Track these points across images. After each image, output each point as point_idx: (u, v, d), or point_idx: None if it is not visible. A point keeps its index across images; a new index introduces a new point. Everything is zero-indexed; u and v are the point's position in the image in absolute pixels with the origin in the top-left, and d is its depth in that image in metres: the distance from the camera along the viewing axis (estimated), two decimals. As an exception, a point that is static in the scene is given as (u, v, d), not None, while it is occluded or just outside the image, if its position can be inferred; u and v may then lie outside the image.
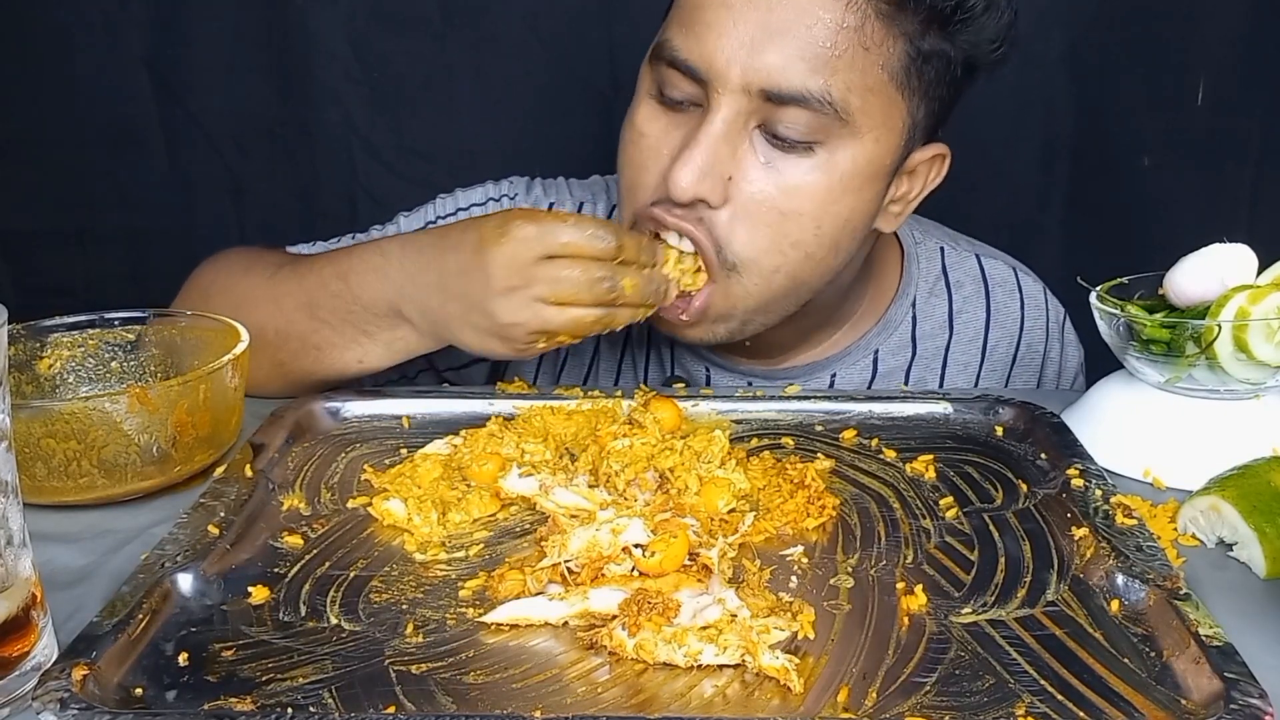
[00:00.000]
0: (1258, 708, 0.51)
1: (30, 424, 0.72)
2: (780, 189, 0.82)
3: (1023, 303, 1.07)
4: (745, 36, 0.79)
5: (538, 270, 0.78)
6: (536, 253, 0.78)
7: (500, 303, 0.79)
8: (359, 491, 0.76)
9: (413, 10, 1.49)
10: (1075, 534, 0.68)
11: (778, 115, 0.80)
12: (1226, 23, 1.44)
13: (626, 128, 0.88)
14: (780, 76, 0.79)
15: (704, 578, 0.63)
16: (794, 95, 0.79)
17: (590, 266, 0.79)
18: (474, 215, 1.01)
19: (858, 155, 0.82)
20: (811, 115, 0.80)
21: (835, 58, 0.79)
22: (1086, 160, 1.53)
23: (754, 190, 0.82)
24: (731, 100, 0.80)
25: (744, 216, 0.83)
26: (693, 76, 0.81)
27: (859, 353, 1.02)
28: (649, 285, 0.82)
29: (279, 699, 0.54)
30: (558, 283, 0.78)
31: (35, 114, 1.53)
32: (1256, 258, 0.81)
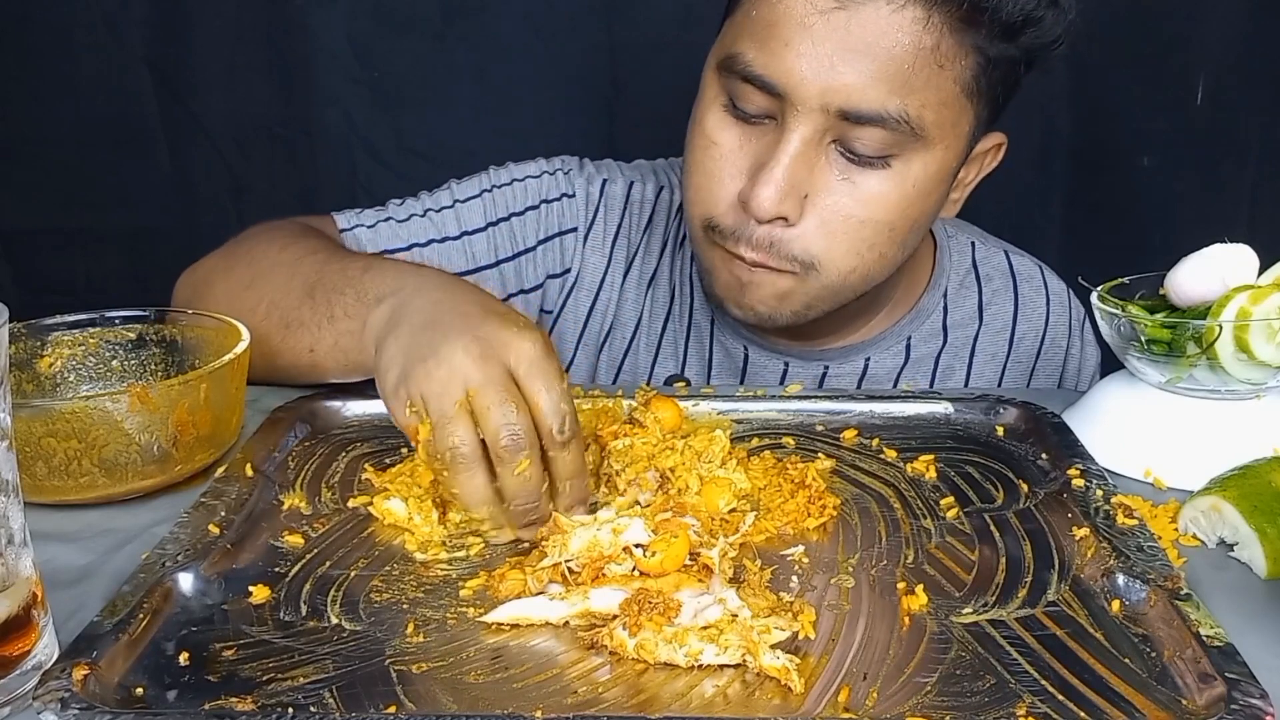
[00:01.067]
0: (1258, 708, 0.51)
1: (31, 423, 0.72)
2: (857, 202, 0.84)
3: (1049, 299, 1.10)
4: (824, 56, 0.79)
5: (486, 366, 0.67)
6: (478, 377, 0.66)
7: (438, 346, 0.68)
8: (360, 491, 0.76)
9: (413, 10, 1.49)
10: (1076, 534, 0.68)
11: (854, 133, 0.81)
12: (1227, 22, 1.45)
13: (696, 133, 0.88)
14: (859, 97, 0.79)
15: (705, 577, 0.63)
16: (872, 115, 0.80)
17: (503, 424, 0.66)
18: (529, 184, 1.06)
19: (929, 164, 0.84)
20: (888, 134, 0.81)
21: (912, 77, 0.79)
22: (1087, 160, 1.53)
23: (832, 205, 0.84)
24: (809, 118, 0.81)
25: (822, 228, 0.85)
26: (769, 92, 0.82)
27: (892, 339, 1.04)
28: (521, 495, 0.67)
29: (280, 699, 0.54)
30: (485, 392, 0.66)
31: (35, 114, 1.53)
32: (1257, 258, 0.81)
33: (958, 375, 1.07)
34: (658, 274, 1.07)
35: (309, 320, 0.85)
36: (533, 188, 1.06)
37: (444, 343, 0.68)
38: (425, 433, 0.67)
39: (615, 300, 1.07)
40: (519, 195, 1.06)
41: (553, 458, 0.68)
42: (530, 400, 0.66)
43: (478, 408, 0.66)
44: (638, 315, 1.08)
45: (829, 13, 0.79)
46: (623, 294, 1.07)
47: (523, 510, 0.67)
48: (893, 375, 1.05)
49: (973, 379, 1.07)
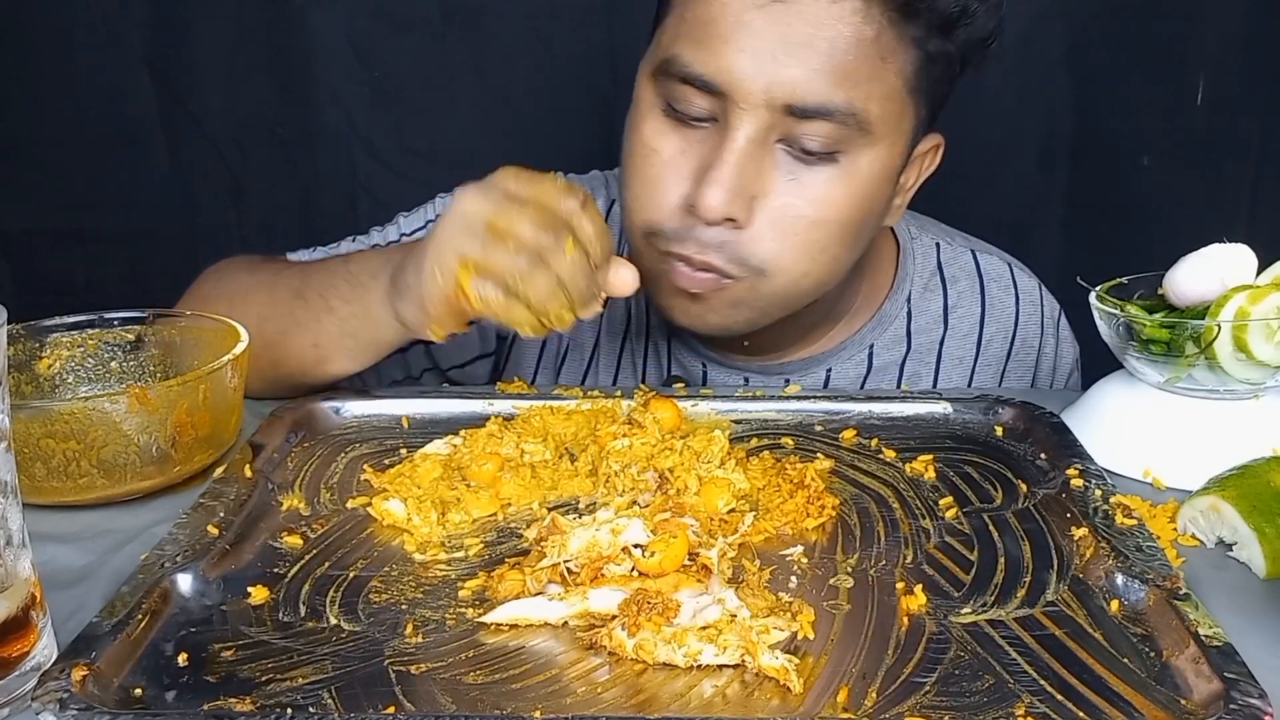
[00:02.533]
0: (1258, 708, 0.51)
1: (29, 424, 0.72)
2: (806, 201, 0.82)
3: (1018, 298, 1.07)
4: (766, 51, 0.78)
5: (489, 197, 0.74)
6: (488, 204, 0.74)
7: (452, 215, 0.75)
8: (358, 491, 0.76)
9: (413, 10, 1.49)
10: (1075, 534, 0.68)
11: (800, 128, 0.80)
12: (1226, 22, 1.45)
13: (634, 141, 0.86)
14: (805, 90, 0.78)
15: (704, 578, 0.63)
16: (819, 109, 0.79)
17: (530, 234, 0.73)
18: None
19: (875, 160, 0.83)
20: (835, 127, 0.80)
21: (856, 70, 0.79)
22: (1086, 160, 1.53)
23: (781, 205, 0.82)
24: (754, 116, 0.79)
25: (772, 230, 0.83)
26: (710, 92, 0.80)
27: (854, 348, 1.02)
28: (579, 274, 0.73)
29: (279, 699, 0.54)
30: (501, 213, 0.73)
31: (35, 114, 1.53)
32: (1256, 257, 0.81)
33: (924, 381, 1.04)
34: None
35: (305, 319, 0.86)
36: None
37: (447, 208, 0.76)
38: (468, 274, 0.73)
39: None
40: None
41: (577, 226, 0.73)
42: (533, 201, 0.73)
43: (503, 225, 0.72)
44: (595, 334, 1.05)
45: (766, 6, 0.78)
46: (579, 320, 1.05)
47: (585, 287, 0.74)
48: (856, 385, 1.03)
49: (940, 384, 1.04)
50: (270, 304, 0.89)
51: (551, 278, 0.72)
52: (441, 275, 0.74)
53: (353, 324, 0.85)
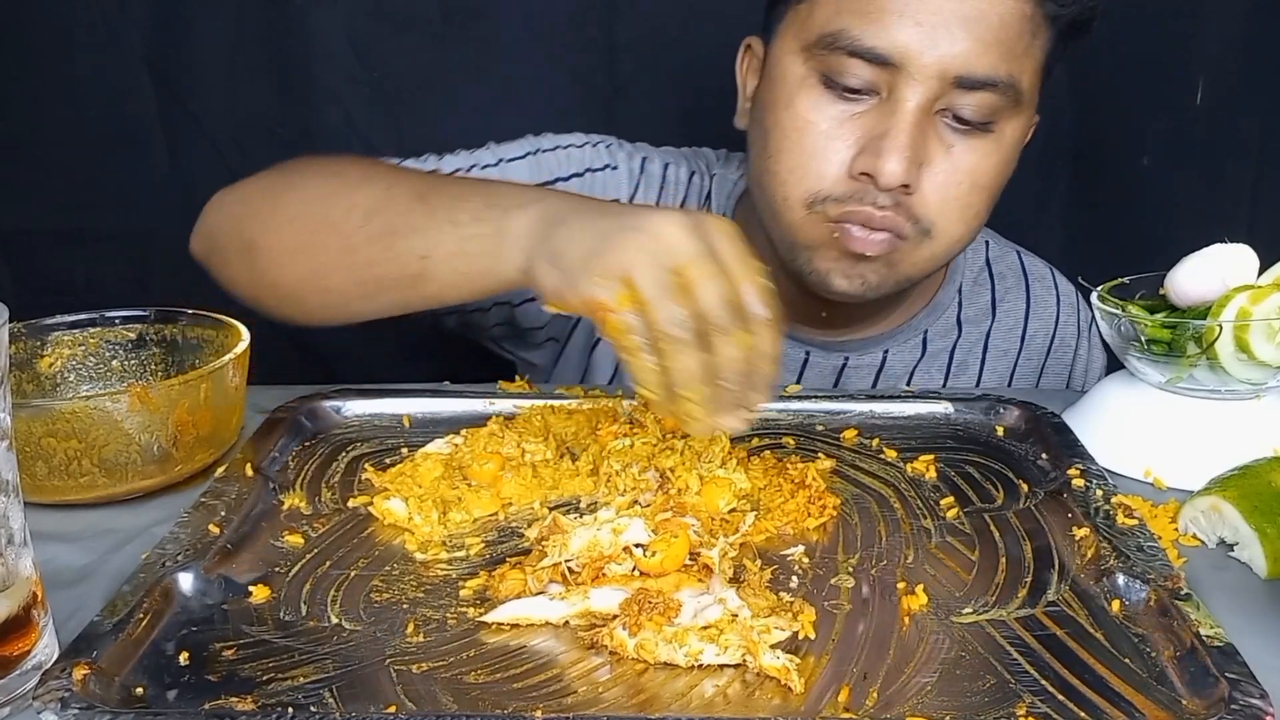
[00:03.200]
0: (1258, 708, 0.51)
1: (31, 423, 0.72)
2: (966, 168, 0.87)
3: (1059, 299, 1.13)
4: (940, 25, 0.82)
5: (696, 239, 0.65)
6: (713, 239, 0.65)
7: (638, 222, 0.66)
8: (359, 491, 0.76)
9: (413, 10, 1.48)
10: (1076, 534, 0.68)
11: (963, 99, 0.84)
12: (1227, 22, 1.44)
13: (785, 115, 0.88)
14: (975, 63, 0.83)
15: (705, 577, 0.63)
16: (985, 80, 0.84)
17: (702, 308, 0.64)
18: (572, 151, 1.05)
19: (1018, 129, 0.89)
20: (995, 97, 0.85)
21: (1016, 44, 0.84)
22: (1087, 160, 1.52)
23: (945, 171, 0.87)
24: (924, 87, 0.83)
25: (936, 195, 0.87)
26: (879, 63, 0.83)
27: (909, 332, 1.07)
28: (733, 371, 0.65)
29: (280, 698, 0.54)
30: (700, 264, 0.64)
31: (35, 114, 1.52)
32: (1257, 258, 0.81)
33: (971, 370, 1.08)
34: None
35: (423, 225, 0.77)
36: (576, 156, 1.05)
37: (647, 217, 0.66)
38: (625, 303, 0.64)
39: None
40: (564, 161, 1.05)
41: (759, 333, 0.65)
42: (733, 276, 0.64)
43: (691, 279, 0.63)
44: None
45: None
46: None
47: (732, 391, 0.65)
48: (909, 368, 1.06)
49: (985, 373, 1.09)
50: (387, 198, 0.80)
51: (701, 364, 0.64)
52: (601, 279, 0.65)
53: (475, 245, 0.75)
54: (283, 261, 0.83)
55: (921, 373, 1.07)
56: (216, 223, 0.90)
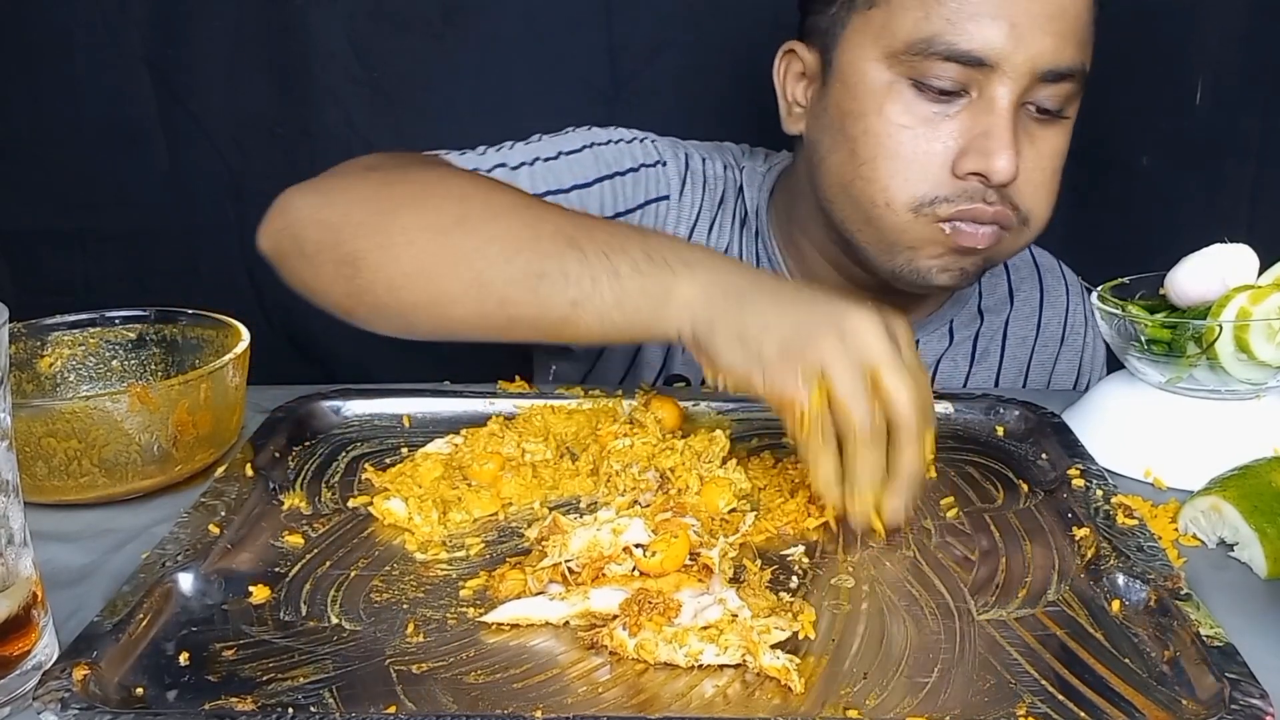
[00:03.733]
0: (1258, 708, 0.51)
1: (31, 423, 0.72)
2: (1048, 155, 0.91)
3: (1068, 289, 1.16)
4: (1028, 24, 0.85)
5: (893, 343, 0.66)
6: (884, 352, 0.66)
7: (838, 318, 0.67)
8: (360, 491, 0.76)
9: (413, 10, 1.48)
10: (1076, 534, 0.69)
11: (1045, 91, 0.88)
12: (1227, 23, 1.44)
13: (878, 123, 0.90)
14: (1060, 56, 0.86)
15: (705, 578, 0.63)
16: (1068, 71, 0.87)
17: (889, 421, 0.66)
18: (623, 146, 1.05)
19: (1075, 112, 0.92)
20: (1072, 86, 0.89)
21: (1086, 33, 0.88)
22: (1087, 160, 1.52)
23: (1034, 160, 0.90)
24: (1015, 84, 0.86)
25: (1029, 185, 0.91)
26: (972, 65, 0.86)
27: (938, 322, 1.10)
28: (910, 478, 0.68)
29: (280, 699, 0.54)
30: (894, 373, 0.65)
31: (35, 114, 1.52)
32: (1257, 258, 0.81)
33: (992, 357, 1.11)
34: (729, 250, 1.08)
35: (576, 273, 0.73)
36: (628, 151, 1.05)
37: (841, 313, 0.67)
38: (818, 403, 0.65)
39: None
40: (621, 156, 1.05)
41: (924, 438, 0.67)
42: (918, 380, 0.66)
43: (886, 385, 0.65)
44: None
45: None
46: None
47: (900, 496, 0.68)
48: (937, 357, 1.09)
49: (1005, 359, 1.11)
50: (531, 236, 0.76)
51: (882, 465, 0.66)
52: (801, 374, 0.65)
53: (635, 301, 0.72)
54: (398, 285, 0.78)
55: (948, 360, 1.09)
56: (298, 226, 0.83)
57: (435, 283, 0.77)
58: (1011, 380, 1.11)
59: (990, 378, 1.11)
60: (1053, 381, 1.14)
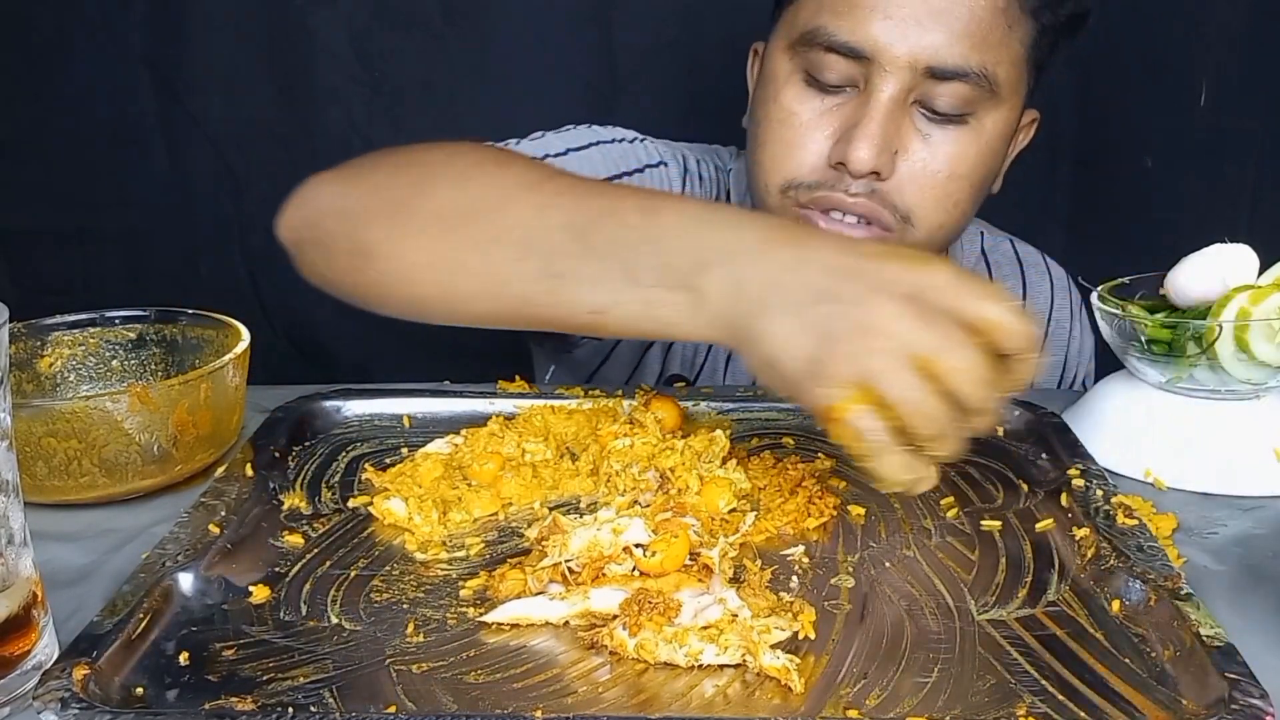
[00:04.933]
0: (1258, 708, 0.51)
1: (31, 423, 0.72)
2: (941, 157, 0.89)
3: (1052, 283, 1.16)
4: (909, 17, 0.84)
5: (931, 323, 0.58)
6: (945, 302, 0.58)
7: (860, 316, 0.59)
8: (360, 491, 0.76)
9: (413, 10, 1.48)
10: (1076, 534, 0.68)
11: (936, 90, 0.86)
12: (1229, 24, 1.45)
13: (771, 108, 0.91)
14: (946, 54, 0.84)
15: (705, 577, 0.63)
16: (956, 71, 0.85)
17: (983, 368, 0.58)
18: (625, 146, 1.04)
19: (999, 121, 0.90)
20: (969, 89, 0.86)
21: (989, 35, 0.85)
22: (1089, 161, 1.53)
23: (919, 160, 0.88)
24: (896, 78, 0.85)
25: (911, 183, 0.89)
26: (854, 57, 0.86)
27: None
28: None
29: (280, 698, 0.54)
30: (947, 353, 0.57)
31: (35, 114, 1.52)
32: (1258, 258, 0.81)
33: None
34: None
35: (594, 277, 0.68)
36: (630, 151, 1.06)
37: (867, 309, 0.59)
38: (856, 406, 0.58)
39: None
40: (626, 155, 1.05)
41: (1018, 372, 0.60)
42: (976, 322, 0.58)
43: (943, 371, 0.57)
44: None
45: None
46: None
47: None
48: None
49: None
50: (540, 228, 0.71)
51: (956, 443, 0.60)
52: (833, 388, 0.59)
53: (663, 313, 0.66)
54: (410, 276, 0.75)
55: None
56: (316, 214, 0.81)
57: (449, 275, 0.74)
58: None
59: None
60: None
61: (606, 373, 1.10)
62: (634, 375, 1.09)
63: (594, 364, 1.10)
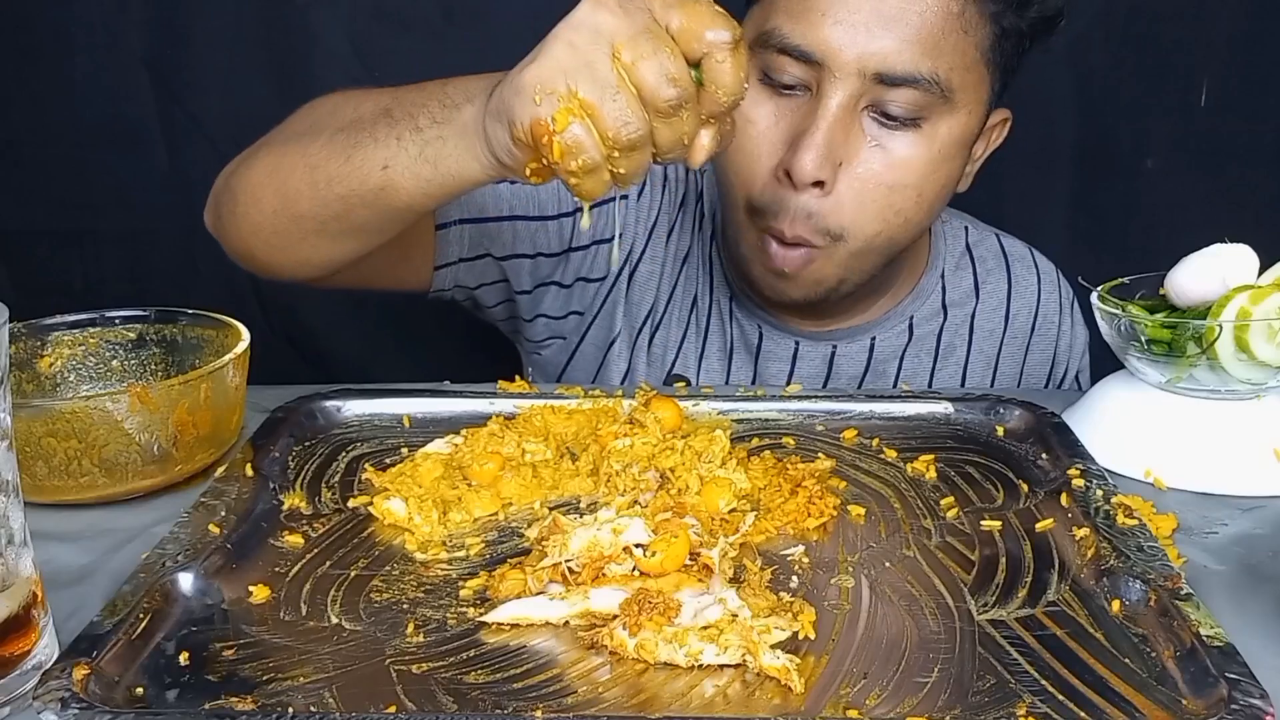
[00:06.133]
0: (1258, 708, 0.51)
1: (31, 423, 0.72)
2: (888, 165, 0.89)
3: (1039, 278, 1.14)
4: (861, 24, 0.84)
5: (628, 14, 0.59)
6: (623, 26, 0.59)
7: (567, 22, 0.61)
8: (360, 491, 0.76)
9: (413, 10, 1.48)
10: (1076, 534, 0.68)
11: (888, 96, 0.86)
12: (1229, 24, 1.45)
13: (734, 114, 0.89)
14: (895, 59, 0.85)
15: (705, 577, 0.63)
16: (907, 77, 0.85)
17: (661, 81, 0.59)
18: None
19: (954, 127, 0.90)
20: (920, 94, 0.86)
21: (942, 41, 0.85)
22: (1089, 161, 1.53)
23: (864, 170, 0.89)
24: (845, 83, 0.85)
25: (853, 194, 0.89)
26: (805, 61, 0.86)
27: (896, 318, 1.08)
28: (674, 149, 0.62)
29: (280, 698, 0.54)
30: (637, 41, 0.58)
31: (35, 114, 1.52)
32: (1258, 258, 0.81)
33: (959, 352, 1.10)
34: (690, 252, 1.09)
35: (384, 136, 0.74)
36: None
37: (570, 19, 0.60)
38: (567, 116, 0.58)
39: (657, 274, 1.08)
40: None
41: (712, 70, 0.60)
42: (681, 31, 0.59)
43: (631, 63, 0.58)
44: (671, 290, 1.09)
45: None
46: (662, 268, 1.08)
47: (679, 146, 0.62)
48: (897, 353, 1.08)
49: (972, 354, 1.10)
50: (355, 118, 0.78)
51: (649, 150, 0.61)
52: (540, 99, 0.60)
53: (435, 148, 0.71)
54: (257, 196, 0.83)
55: (911, 356, 1.08)
56: (215, 191, 0.91)
57: (281, 182, 0.80)
58: (979, 375, 1.10)
59: (956, 374, 1.09)
60: (1025, 373, 1.12)
61: (573, 372, 1.10)
62: (599, 374, 1.09)
63: (561, 362, 1.11)
